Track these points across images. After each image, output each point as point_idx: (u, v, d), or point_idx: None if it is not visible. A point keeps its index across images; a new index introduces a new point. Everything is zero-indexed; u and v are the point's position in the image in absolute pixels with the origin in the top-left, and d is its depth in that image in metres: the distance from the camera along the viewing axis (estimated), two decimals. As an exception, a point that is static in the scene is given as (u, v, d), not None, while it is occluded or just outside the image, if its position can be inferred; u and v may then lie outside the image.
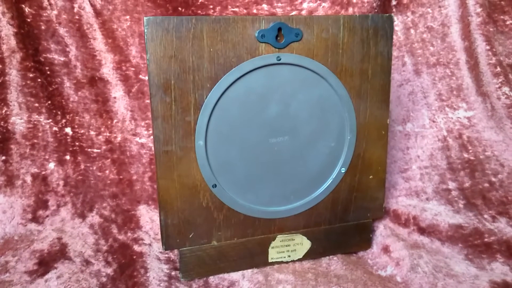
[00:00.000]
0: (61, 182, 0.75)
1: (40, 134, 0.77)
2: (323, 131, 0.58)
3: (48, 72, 0.78)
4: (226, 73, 0.51)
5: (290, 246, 0.61)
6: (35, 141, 0.77)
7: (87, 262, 0.60)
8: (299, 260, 0.61)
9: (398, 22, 0.88)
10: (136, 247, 0.64)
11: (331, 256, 0.63)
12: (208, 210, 0.55)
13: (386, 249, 0.63)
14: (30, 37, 0.76)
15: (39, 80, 0.77)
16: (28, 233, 0.68)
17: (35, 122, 0.78)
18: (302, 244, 0.61)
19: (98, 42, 0.78)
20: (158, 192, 0.53)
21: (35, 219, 0.70)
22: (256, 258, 0.60)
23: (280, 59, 0.53)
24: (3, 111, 0.76)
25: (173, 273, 0.59)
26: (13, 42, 0.75)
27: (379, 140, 0.60)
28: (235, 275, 0.58)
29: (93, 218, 0.71)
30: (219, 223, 0.56)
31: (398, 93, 0.87)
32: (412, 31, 0.87)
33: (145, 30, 0.48)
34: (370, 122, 0.59)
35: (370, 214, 0.63)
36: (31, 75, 0.77)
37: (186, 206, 0.54)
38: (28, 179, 0.74)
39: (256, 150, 0.55)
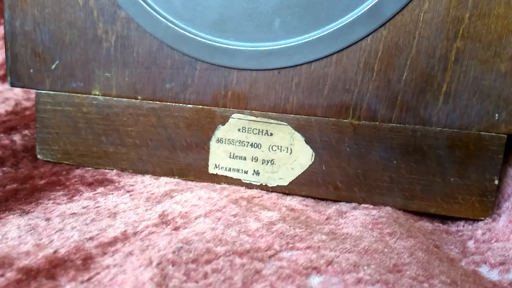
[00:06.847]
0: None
1: None
2: None
3: None
4: None
5: (261, 148, 0.26)
6: None
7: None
8: (280, 187, 0.26)
9: None
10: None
11: (366, 205, 0.25)
12: (87, 15, 0.26)
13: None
14: None
15: None
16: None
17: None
18: (291, 150, 0.25)
19: None
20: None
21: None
22: (178, 152, 0.27)
23: None
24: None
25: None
26: None
27: None
28: (125, 177, 0.27)
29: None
30: (108, 50, 0.26)
31: None
32: None
33: None
34: None
35: (501, 117, 0.23)
36: None
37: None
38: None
39: None
